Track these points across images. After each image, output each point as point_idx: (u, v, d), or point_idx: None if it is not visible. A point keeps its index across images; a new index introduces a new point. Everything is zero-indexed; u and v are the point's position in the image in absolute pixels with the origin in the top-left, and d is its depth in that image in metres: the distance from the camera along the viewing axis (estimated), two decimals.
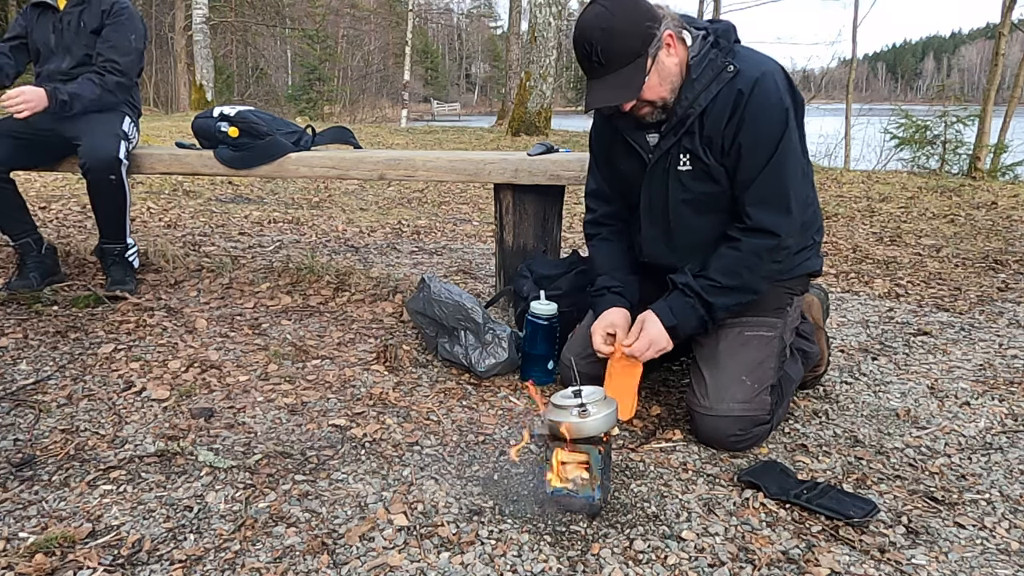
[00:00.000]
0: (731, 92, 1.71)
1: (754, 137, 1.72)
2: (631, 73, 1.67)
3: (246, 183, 5.89)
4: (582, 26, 1.68)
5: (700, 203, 1.83)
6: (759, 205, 1.76)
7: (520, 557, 1.41)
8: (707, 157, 1.76)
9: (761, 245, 1.77)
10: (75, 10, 2.81)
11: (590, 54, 1.67)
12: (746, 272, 1.79)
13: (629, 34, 1.65)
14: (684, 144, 1.78)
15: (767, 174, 1.74)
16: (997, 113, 9.67)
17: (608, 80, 1.68)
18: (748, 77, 1.70)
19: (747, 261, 1.78)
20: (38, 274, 2.84)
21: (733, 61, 1.72)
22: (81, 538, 1.45)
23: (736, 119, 1.71)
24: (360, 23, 35.83)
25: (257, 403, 2.05)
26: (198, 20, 16.43)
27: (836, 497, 1.61)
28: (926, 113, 9.29)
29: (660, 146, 1.81)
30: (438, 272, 3.47)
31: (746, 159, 1.73)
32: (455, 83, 65.48)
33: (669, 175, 1.82)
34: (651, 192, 1.88)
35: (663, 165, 1.82)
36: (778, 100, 1.72)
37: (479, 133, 14.12)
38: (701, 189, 1.81)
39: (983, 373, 2.37)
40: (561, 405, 1.56)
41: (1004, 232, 4.60)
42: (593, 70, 1.69)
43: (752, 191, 1.75)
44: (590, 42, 1.66)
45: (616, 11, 1.66)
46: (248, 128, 2.80)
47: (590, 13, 1.68)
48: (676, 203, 1.84)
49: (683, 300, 1.82)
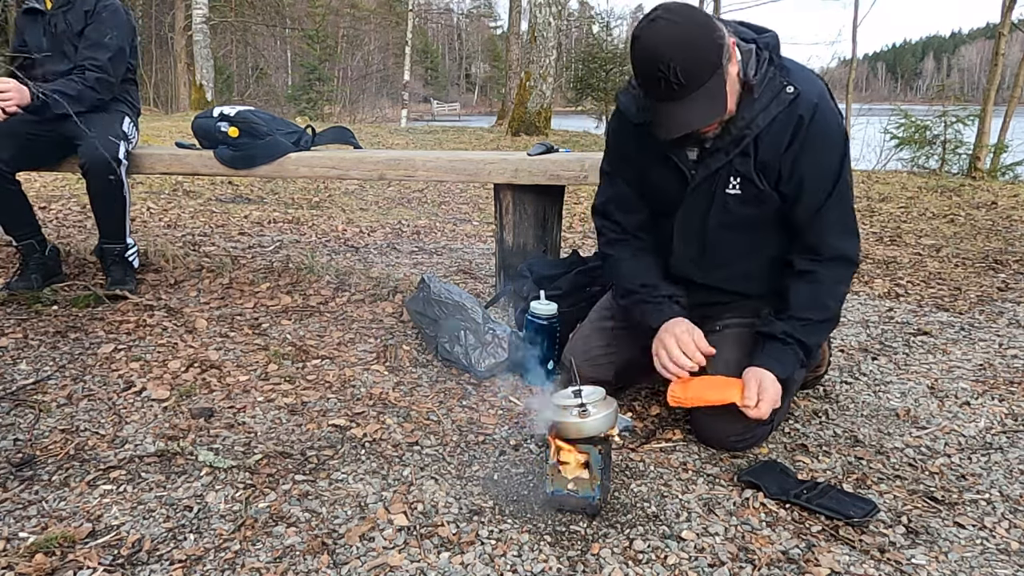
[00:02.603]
0: (791, 116, 1.64)
1: (818, 165, 1.67)
2: (714, 88, 1.54)
3: (246, 183, 5.89)
4: (653, 46, 1.52)
5: (742, 225, 1.78)
6: (831, 233, 1.73)
7: (520, 557, 1.41)
8: (761, 182, 1.70)
9: (841, 273, 1.76)
10: (60, 12, 2.81)
11: (667, 75, 1.50)
12: (831, 302, 1.77)
13: (706, 46, 1.52)
14: (736, 166, 1.70)
15: (834, 201, 1.70)
16: (997, 113, 9.67)
17: (691, 100, 1.53)
18: (808, 101, 1.64)
19: (831, 291, 1.76)
20: (40, 275, 2.84)
21: (791, 81, 1.64)
22: (81, 538, 1.45)
23: (796, 145, 1.65)
24: (360, 23, 35.81)
25: (257, 403, 2.05)
26: (198, 20, 16.42)
27: (836, 497, 1.61)
28: (926, 113, 9.29)
29: (707, 165, 1.72)
30: (438, 272, 3.46)
31: (811, 187, 1.69)
32: (455, 83, 65.48)
33: (714, 197, 1.74)
34: (689, 211, 1.80)
35: (708, 186, 1.74)
36: (837, 125, 1.68)
37: (479, 133, 14.13)
38: (747, 212, 1.75)
39: (983, 373, 2.37)
40: (561, 405, 1.56)
41: (1004, 232, 4.60)
42: (670, 92, 1.53)
43: (822, 219, 1.72)
44: (666, 62, 1.49)
45: (686, 23, 1.52)
46: (248, 128, 2.80)
47: (658, 30, 1.52)
48: (717, 225, 1.78)
49: (786, 350, 1.75)
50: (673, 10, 1.54)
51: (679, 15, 1.53)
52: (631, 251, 1.94)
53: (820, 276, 1.75)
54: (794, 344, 1.74)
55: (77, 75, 2.76)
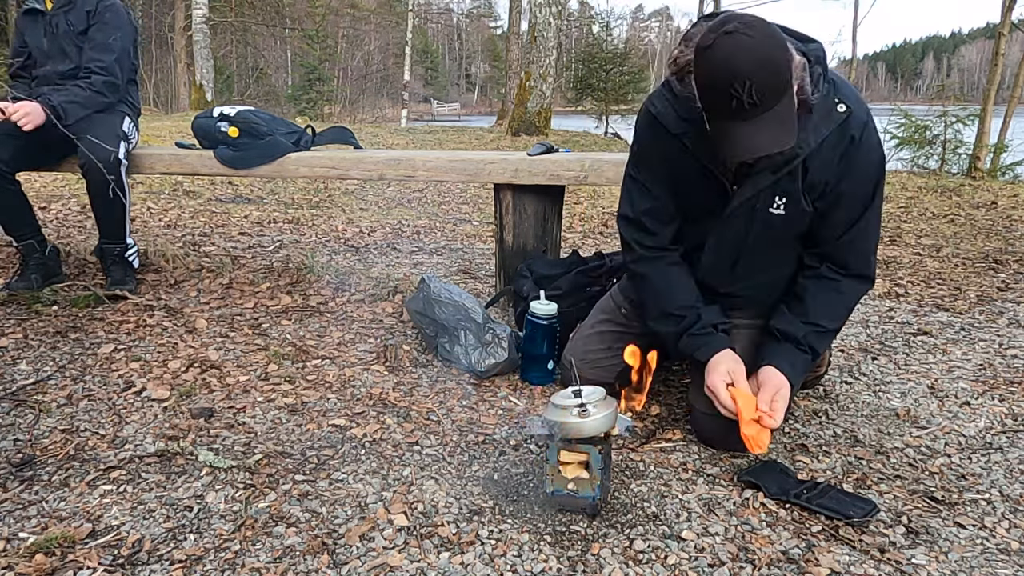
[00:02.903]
0: (843, 136, 1.60)
1: (858, 184, 1.65)
2: (784, 112, 1.44)
3: (246, 183, 5.89)
4: (732, 62, 1.39)
5: (779, 242, 1.76)
6: (859, 250, 1.73)
7: (520, 557, 1.41)
8: (806, 202, 1.66)
9: (860, 289, 1.77)
10: (61, 12, 2.82)
11: (740, 93, 1.39)
12: (845, 314, 1.79)
13: (782, 65, 1.42)
14: (783, 186, 1.64)
15: (865, 218, 1.69)
16: (997, 113, 9.67)
17: (761, 121, 1.42)
18: (859, 120, 1.59)
19: (848, 303, 1.78)
20: (40, 275, 2.84)
21: (842, 98, 1.59)
22: (81, 538, 1.45)
23: (843, 165, 1.62)
24: (360, 23, 35.80)
25: (257, 403, 2.05)
26: (198, 20, 16.43)
27: (836, 497, 1.61)
28: (926, 113, 9.28)
29: (753, 183, 1.65)
30: (438, 272, 3.46)
31: (847, 204, 1.67)
32: (455, 83, 65.48)
33: (755, 215, 1.69)
34: (728, 227, 1.74)
35: (751, 204, 1.68)
36: (879, 145, 1.66)
37: (479, 133, 14.13)
38: (786, 230, 1.72)
39: (983, 373, 2.37)
40: (561, 405, 1.56)
41: (1004, 232, 4.60)
42: (740, 111, 1.41)
43: (851, 236, 1.70)
44: (743, 78, 1.38)
45: (763, 37, 1.41)
46: (248, 128, 2.80)
47: (736, 43, 1.39)
48: (755, 243, 1.75)
49: (801, 356, 1.73)
50: (749, 23, 1.42)
51: (756, 29, 1.41)
52: (663, 268, 1.84)
53: (843, 287, 1.74)
54: (808, 351, 1.74)
55: (84, 81, 2.77)
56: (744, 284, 1.85)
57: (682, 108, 1.65)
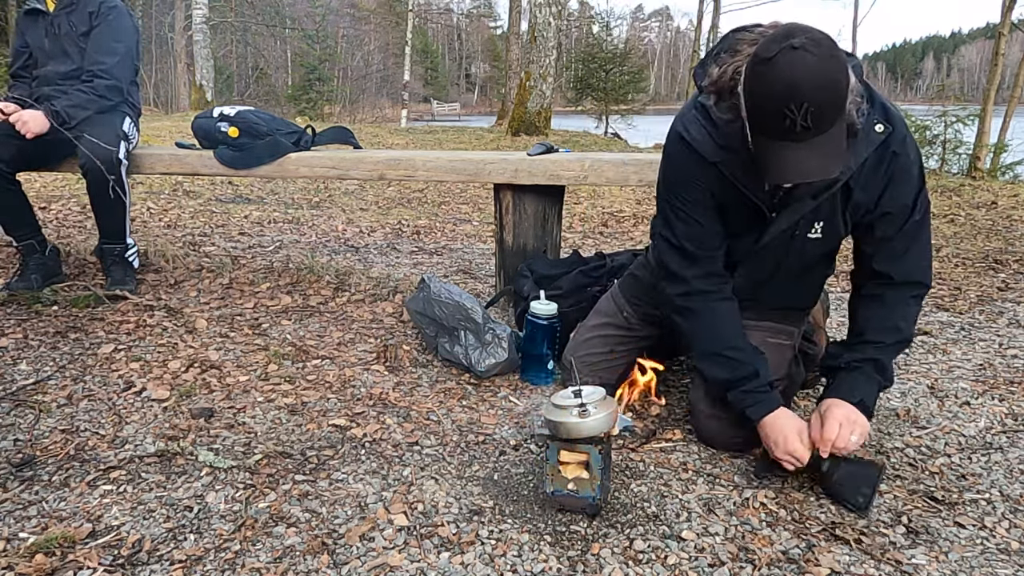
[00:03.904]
0: (883, 157, 1.55)
1: (900, 197, 1.61)
2: (837, 134, 1.37)
3: (246, 183, 5.89)
4: (794, 81, 1.30)
5: (810, 264, 1.75)
6: (906, 260, 1.66)
7: (520, 557, 1.41)
8: (844, 225, 1.64)
9: (909, 294, 1.70)
10: (63, 13, 2.82)
11: (795, 114, 1.31)
12: (902, 323, 1.71)
13: (842, 87, 1.34)
14: (823, 210, 1.62)
15: (910, 229, 1.64)
16: (997, 113, 9.67)
17: (813, 145, 1.35)
18: (899, 138, 1.55)
19: (902, 312, 1.70)
20: (40, 276, 2.84)
21: (882, 119, 1.53)
22: (81, 538, 1.45)
23: (884, 181, 1.58)
24: (360, 23, 35.83)
25: (257, 403, 2.05)
26: (198, 20, 16.43)
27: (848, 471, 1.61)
28: (926, 113, 9.28)
29: (793, 209, 1.61)
30: (438, 272, 3.46)
31: (889, 219, 1.63)
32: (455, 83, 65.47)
33: (793, 240, 1.67)
34: (762, 255, 1.72)
35: (790, 231, 1.66)
36: (917, 156, 1.61)
37: (479, 133, 14.13)
38: (822, 252, 1.72)
39: (983, 373, 2.37)
40: (561, 405, 1.56)
41: (1004, 232, 4.60)
42: (792, 134, 1.34)
43: (896, 246, 1.65)
44: (800, 100, 1.30)
45: (827, 56, 1.32)
46: (248, 128, 2.80)
47: (799, 62, 1.30)
48: (789, 265, 1.74)
49: (867, 378, 1.68)
50: (817, 40, 1.32)
51: (823, 48, 1.32)
52: (713, 305, 1.75)
53: (888, 299, 1.68)
54: (872, 368, 1.68)
55: (86, 84, 2.77)
56: (769, 295, 1.84)
57: (719, 135, 1.58)
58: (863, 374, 1.67)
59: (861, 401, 1.64)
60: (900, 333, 1.70)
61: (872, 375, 1.67)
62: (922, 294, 1.72)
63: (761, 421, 1.68)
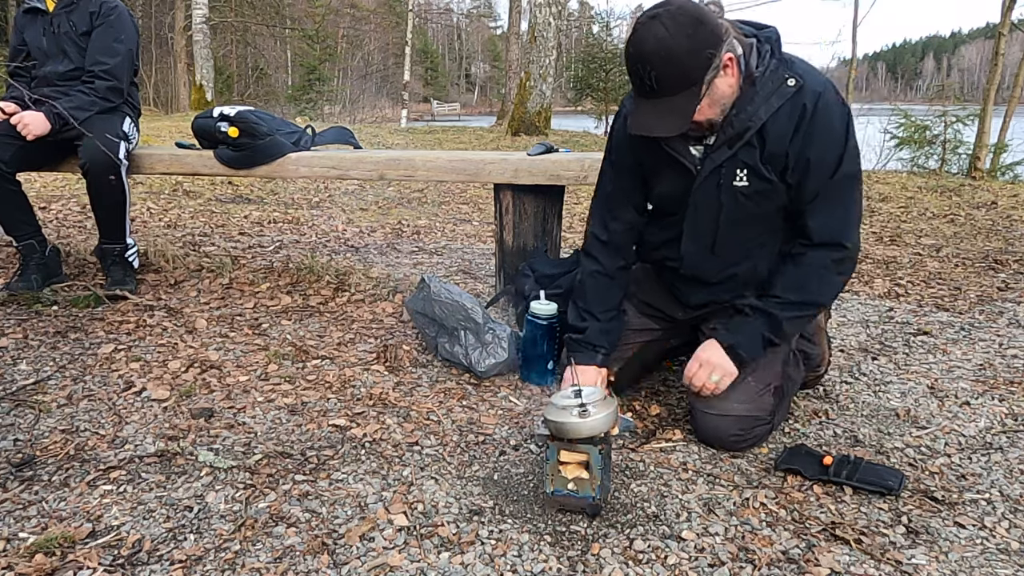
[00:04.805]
0: (795, 107, 1.66)
1: (821, 152, 1.68)
2: (683, 101, 1.58)
3: (246, 183, 5.89)
4: (639, 46, 1.56)
5: (752, 219, 1.78)
6: (826, 219, 1.73)
7: (520, 557, 1.41)
8: (769, 173, 1.71)
9: (828, 256, 1.74)
10: (63, 12, 2.82)
11: (643, 76, 1.57)
12: (814, 284, 1.76)
13: (688, 63, 1.55)
14: (742, 158, 1.71)
15: (833, 188, 1.71)
16: (997, 113, 9.66)
17: (659, 106, 1.59)
18: (812, 91, 1.65)
19: (815, 273, 1.75)
20: (40, 276, 2.84)
21: (793, 73, 1.66)
22: (81, 538, 1.45)
23: (801, 134, 1.66)
24: (360, 23, 35.81)
25: (257, 403, 2.05)
26: (198, 20, 16.42)
27: (869, 469, 1.67)
28: (926, 113, 9.28)
29: (712, 159, 1.73)
30: (438, 272, 3.46)
31: (813, 174, 1.69)
32: (455, 83, 65.45)
33: (722, 190, 1.75)
34: (698, 207, 1.80)
35: (715, 180, 1.74)
36: (841, 114, 1.69)
37: (479, 133, 14.13)
38: (756, 204, 1.75)
39: (983, 373, 2.37)
40: (561, 405, 1.56)
41: (1004, 232, 4.60)
42: (644, 91, 1.60)
43: (816, 205, 1.72)
44: (646, 65, 1.55)
45: (679, 36, 1.53)
46: (248, 128, 2.80)
47: (649, 33, 1.54)
48: (728, 219, 1.78)
49: (743, 320, 1.78)
50: (673, 14, 1.54)
51: (677, 22, 1.53)
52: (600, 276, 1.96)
53: (806, 259, 1.75)
54: (756, 316, 1.75)
55: (87, 86, 2.78)
56: (730, 270, 1.86)
57: None
58: (749, 323, 1.77)
59: (731, 346, 1.76)
60: (806, 293, 1.76)
61: (759, 327, 1.76)
62: (842, 258, 1.75)
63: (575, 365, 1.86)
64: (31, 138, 2.63)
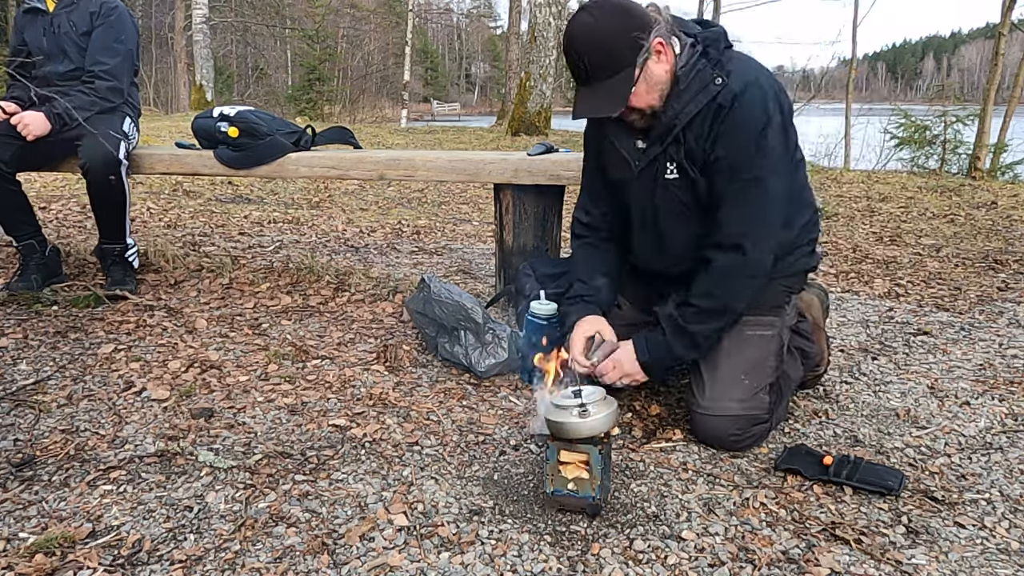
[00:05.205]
0: (712, 106, 1.69)
1: (729, 151, 1.69)
2: (618, 84, 1.65)
3: (246, 183, 5.89)
4: (570, 35, 1.67)
5: (688, 213, 1.82)
6: (734, 223, 1.73)
7: (520, 557, 1.41)
8: (692, 170, 1.76)
9: (730, 262, 1.73)
10: (63, 12, 2.82)
11: (577, 63, 1.66)
12: (721, 292, 1.76)
13: (616, 46, 1.64)
14: (671, 153, 1.77)
15: (743, 189, 1.70)
16: (997, 113, 9.66)
17: (595, 90, 1.67)
18: (729, 91, 1.67)
19: (720, 280, 1.75)
20: (40, 276, 2.84)
21: (721, 73, 1.68)
22: (81, 538, 1.45)
23: (714, 133, 1.70)
24: (360, 23, 35.79)
25: (257, 403, 2.05)
26: (198, 20, 16.42)
27: (869, 469, 1.68)
28: (926, 113, 9.28)
29: (647, 153, 1.80)
30: (438, 272, 3.46)
31: (722, 173, 1.71)
32: (455, 83, 65.43)
33: (656, 183, 1.82)
34: (639, 199, 1.88)
35: (651, 173, 1.82)
36: (758, 113, 1.67)
37: (479, 133, 14.13)
38: (689, 198, 1.80)
39: (983, 373, 2.37)
40: (561, 405, 1.56)
41: (1004, 232, 4.60)
42: (582, 78, 1.68)
43: (727, 208, 1.73)
44: (577, 52, 1.66)
45: (603, 21, 1.64)
46: (248, 128, 2.80)
47: (577, 22, 1.66)
48: (665, 212, 1.84)
49: (658, 338, 1.82)
50: (601, 5, 1.66)
51: (604, 11, 1.64)
52: (584, 245, 2.05)
53: (711, 265, 1.76)
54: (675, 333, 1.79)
55: (87, 86, 2.78)
56: (678, 263, 1.89)
57: None
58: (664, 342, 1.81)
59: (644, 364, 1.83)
60: (716, 300, 1.77)
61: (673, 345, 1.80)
62: (742, 261, 1.73)
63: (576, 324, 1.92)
64: (31, 138, 2.64)
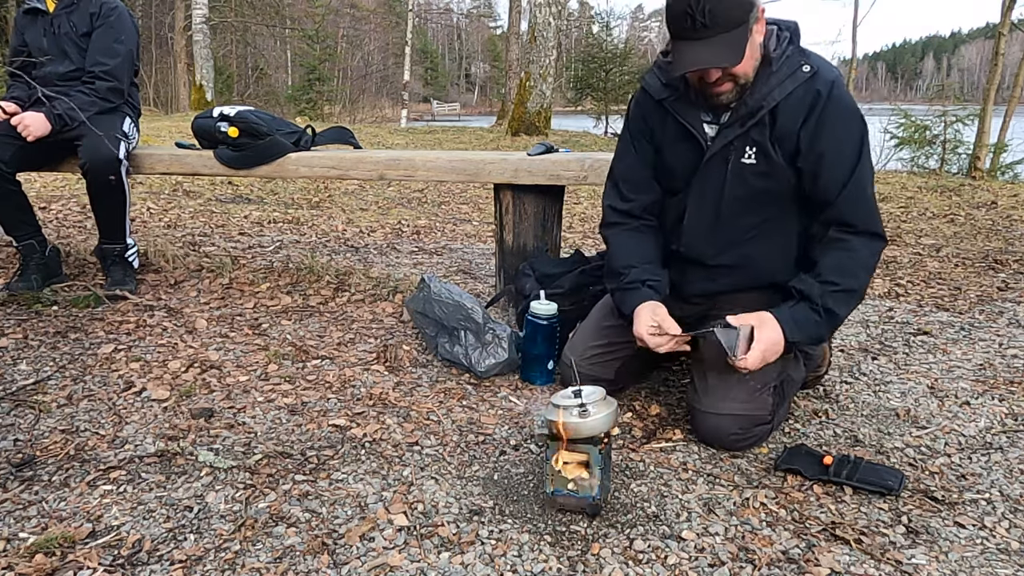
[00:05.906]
0: (808, 92, 1.69)
1: (840, 140, 1.71)
2: (735, 39, 1.60)
3: (246, 183, 5.89)
4: None
5: (757, 198, 1.80)
6: (862, 207, 1.74)
7: (520, 557, 1.41)
8: (776, 155, 1.73)
9: (874, 248, 1.76)
10: (64, 13, 2.82)
11: (694, 12, 1.57)
12: (863, 273, 1.76)
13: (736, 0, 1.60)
14: (752, 136, 1.74)
15: (859, 176, 1.73)
16: (997, 113, 9.67)
17: (710, 43, 1.59)
18: (825, 79, 1.69)
19: (865, 263, 1.76)
20: (40, 276, 2.84)
21: (808, 61, 1.71)
22: (81, 538, 1.45)
23: (814, 120, 1.69)
24: (360, 23, 35.82)
25: (257, 403, 2.05)
26: (198, 20, 16.42)
27: (869, 469, 1.68)
28: (926, 113, 9.28)
29: (723, 135, 1.76)
30: (438, 272, 3.47)
31: (835, 162, 1.71)
32: (455, 83, 65.43)
33: (729, 166, 1.78)
34: (705, 182, 1.83)
35: (724, 155, 1.78)
36: (854, 104, 1.72)
37: (479, 133, 14.13)
38: (762, 185, 1.78)
39: (983, 373, 2.37)
40: (561, 405, 1.56)
41: (1004, 232, 4.60)
42: (695, 30, 1.59)
43: (850, 193, 1.73)
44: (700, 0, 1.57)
45: None
46: (248, 128, 2.80)
47: None
48: (732, 197, 1.80)
49: (811, 314, 1.73)
50: None
51: None
52: (624, 232, 1.97)
53: (855, 246, 1.74)
54: (820, 311, 1.72)
55: (88, 87, 2.78)
56: (730, 253, 1.87)
57: (664, 75, 1.84)
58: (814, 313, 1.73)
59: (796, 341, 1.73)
60: (857, 281, 1.75)
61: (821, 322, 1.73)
62: (881, 248, 1.79)
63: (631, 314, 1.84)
64: (31, 139, 2.64)
